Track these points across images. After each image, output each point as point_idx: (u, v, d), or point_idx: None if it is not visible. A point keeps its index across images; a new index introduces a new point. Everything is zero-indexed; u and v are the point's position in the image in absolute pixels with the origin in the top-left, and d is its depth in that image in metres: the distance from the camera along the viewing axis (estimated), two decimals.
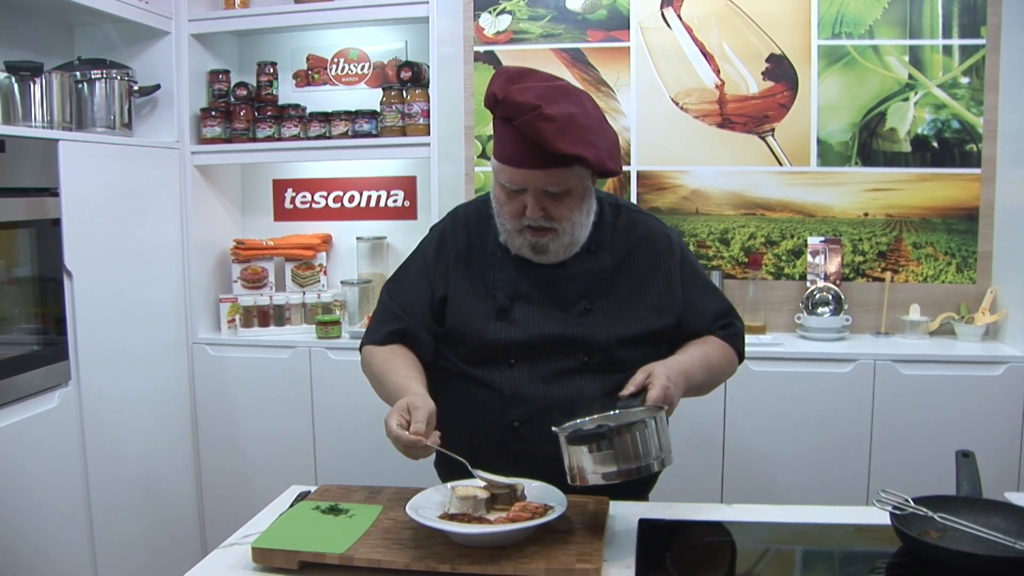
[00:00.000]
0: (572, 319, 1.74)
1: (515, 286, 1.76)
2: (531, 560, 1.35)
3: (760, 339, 2.93)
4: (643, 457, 1.42)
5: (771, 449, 2.78)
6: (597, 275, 1.76)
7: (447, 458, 1.83)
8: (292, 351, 3.04)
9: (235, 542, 1.52)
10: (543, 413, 1.71)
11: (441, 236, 1.86)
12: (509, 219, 1.70)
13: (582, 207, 1.71)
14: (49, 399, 2.39)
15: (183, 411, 3.08)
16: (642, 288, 1.78)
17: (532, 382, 1.73)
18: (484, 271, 1.79)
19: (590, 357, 1.73)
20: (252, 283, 3.23)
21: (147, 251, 2.88)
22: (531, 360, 1.74)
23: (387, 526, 1.49)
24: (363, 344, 1.86)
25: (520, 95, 1.58)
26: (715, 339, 1.80)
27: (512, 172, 1.65)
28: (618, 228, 1.80)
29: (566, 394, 1.72)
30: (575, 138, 1.56)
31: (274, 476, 2.98)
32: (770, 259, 3.17)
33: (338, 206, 3.40)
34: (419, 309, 1.81)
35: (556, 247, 1.71)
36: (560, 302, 1.75)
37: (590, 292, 1.76)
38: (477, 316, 1.76)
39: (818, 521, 1.60)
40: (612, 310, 1.75)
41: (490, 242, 1.81)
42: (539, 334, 1.73)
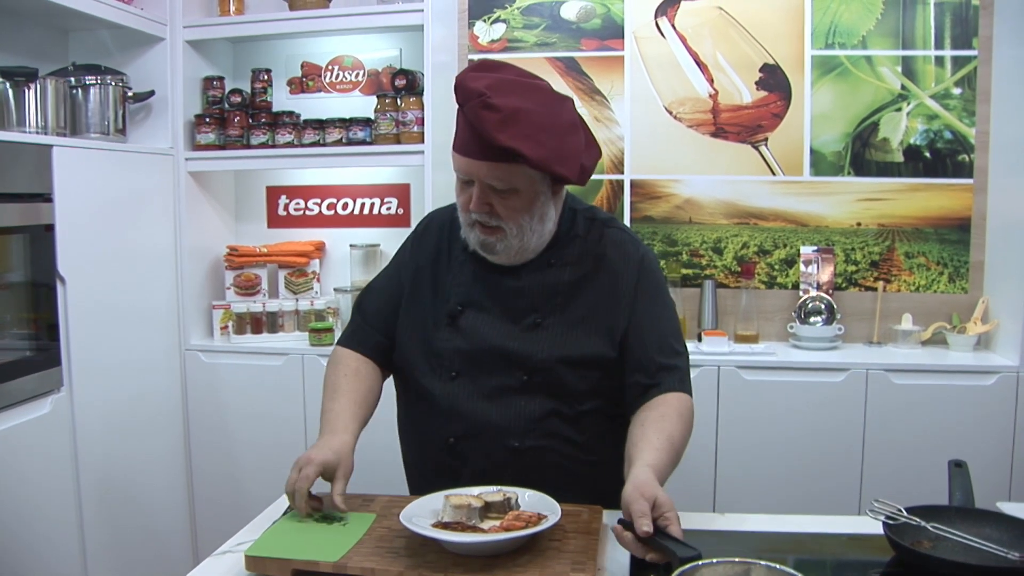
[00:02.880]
0: (519, 333, 1.67)
1: (468, 292, 1.71)
2: (525, 569, 1.34)
3: (753, 348, 2.94)
4: None
5: (763, 458, 2.78)
6: (553, 289, 1.68)
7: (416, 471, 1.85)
8: (285, 358, 3.04)
9: (228, 550, 1.51)
10: (477, 431, 1.66)
11: (414, 239, 1.85)
12: (461, 211, 1.66)
13: (532, 210, 1.61)
14: (41, 405, 2.38)
15: (175, 418, 3.07)
16: (595, 310, 1.68)
17: (471, 398, 1.67)
18: (444, 274, 1.76)
19: (530, 376, 1.65)
20: (245, 290, 3.22)
21: (140, 257, 2.88)
22: (472, 374, 1.68)
23: (381, 534, 1.49)
24: (339, 343, 1.87)
25: (472, 82, 1.54)
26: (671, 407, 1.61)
27: (460, 160, 1.60)
28: (587, 243, 1.71)
29: (505, 413, 1.65)
30: (516, 132, 1.49)
31: (267, 484, 2.95)
32: (763, 268, 3.18)
33: (331, 213, 3.40)
34: (383, 316, 1.80)
35: (503, 248, 1.64)
36: (511, 314, 1.69)
37: (543, 306, 1.68)
38: (429, 319, 1.74)
39: (811, 530, 1.60)
40: (561, 328, 1.67)
41: (457, 247, 1.76)
42: (482, 345, 1.67)
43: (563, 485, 1.60)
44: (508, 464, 1.65)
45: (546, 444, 1.66)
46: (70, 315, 2.48)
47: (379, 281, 1.87)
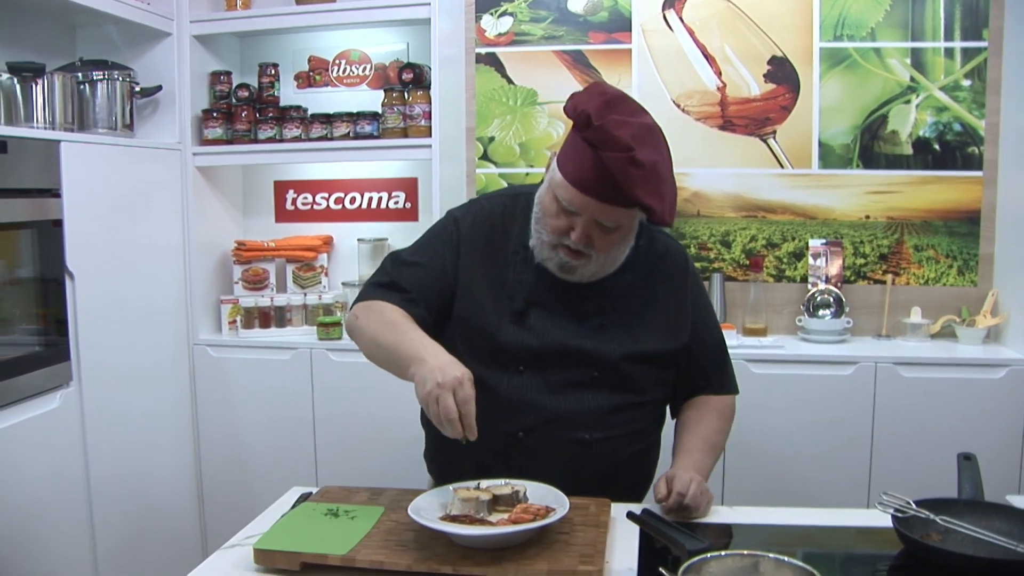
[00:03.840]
0: (586, 332, 1.71)
1: (534, 291, 1.73)
2: (533, 562, 1.34)
3: (761, 341, 2.93)
4: None
5: (772, 451, 2.77)
6: (615, 292, 1.74)
7: (442, 461, 1.85)
8: (293, 352, 3.04)
9: (237, 543, 1.51)
10: (548, 424, 1.69)
11: (459, 224, 1.80)
12: (550, 232, 1.66)
13: (624, 242, 1.69)
14: (50, 400, 2.39)
15: (184, 412, 3.08)
16: (656, 308, 1.77)
17: (539, 392, 1.70)
18: (502, 269, 1.76)
19: (600, 372, 1.71)
20: (253, 284, 3.23)
21: (148, 252, 2.88)
22: (539, 369, 1.71)
23: (389, 527, 1.49)
24: (375, 298, 1.75)
25: (617, 128, 1.52)
26: (711, 408, 1.83)
27: (575, 195, 1.59)
28: (640, 247, 1.77)
29: (572, 407, 1.70)
30: (652, 189, 1.54)
31: (275, 478, 3.00)
32: (771, 261, 3.17)
33: (339, 207, 3.40)
34: (427, 292, 1.75)
35: (584, 272, 1.69)
36: (576, 314, 1.73)
37: (606, 308, 1.74)
38: (491, 314, 1.73)
39: (819, 523, 1.60)
40: (625, 328, 1.73)
41: (512, 241, 1.77)
42: (552, 343, 1.70)
43: (619, 474, 1.73)
44: (576, 457, 1.70)
45: (611, 435, 1.71)
46: (79, 310, 2.49)
47: (417, 255, 1.80)
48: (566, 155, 1.63)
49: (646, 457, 1.82)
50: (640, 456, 1.79)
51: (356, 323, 1.73)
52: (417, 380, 1.49)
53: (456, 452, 1.54)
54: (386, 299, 1.73)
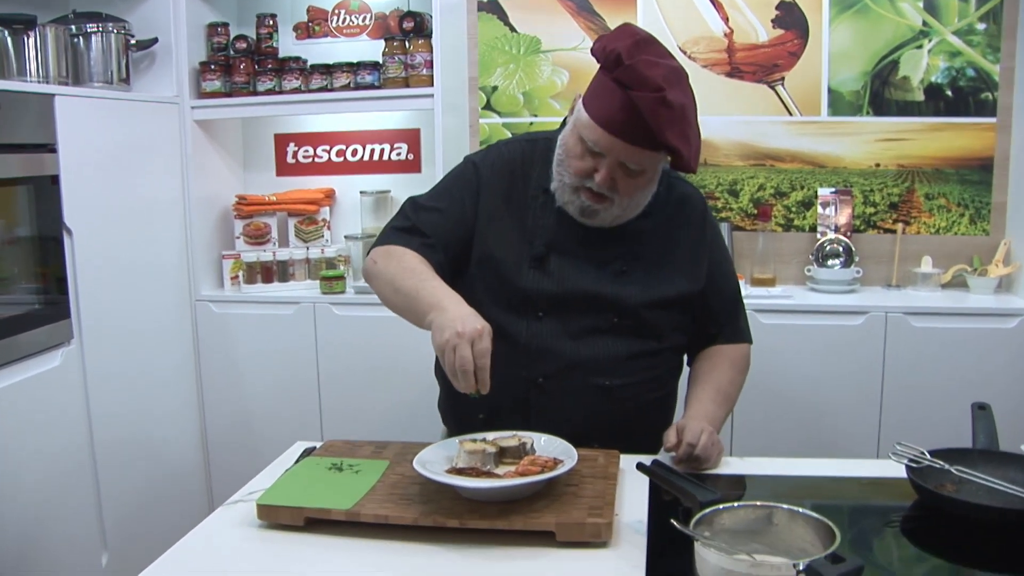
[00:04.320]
0: (606, 278, 1.70)
1: (554, 236, 1.71)
2: (541, 515, 1.32)
3: (770, 291, 2.90)
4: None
5: (781, 402, 2.75)
6: (636, 238, 1.72)
7: (458, 411, 1.83)
8: (296, 307, 3.02)
9: (240, 499, 1.50)
10: (567, 370, 1.68)
11: (478, 169, 1.78)
12: (572, 175, 1.64)
13: (648, 188, 1.67)
14: (51, 358, 2.37)
15: (188, 369, 3.06)
16: (675, 254, 1.75)
17: (559, 337, 1.69)
18: (522, 214, 1.74)
19: (620, 318, 1.70)
20: (255, 239, 3.19)
21: (148, 208, 2.84)
22: (560, 315, 1.70)
23: (394, 481, 1.47)
24: (393, 243, 1.72)
25: (648, 69, 1.50)
26: (724, 358, 1.82)
27: (601, 135, 1.57)
28: (659, 193, 1.74)
29: (592, 353, 1.69)
30: (680, 131, 1.52)
31: (280, 433, 2.95)
32: (780, 211, 3.12)
33: (341, 160, 3.35)
34: (447, 238, 1.72)
35: (606, 216, 1.67)
36: (596, 259, 1.71)
37: (627, 254, 1.72)
38: (510, 260, 1.71)
39: (831, 474, 1.58)
40: (645, 273, 1.72)
41: (532, 185, 1.75)
42: (573, 289, 1.69)
43: (638, 421, 1.72)
44: (595, 403, 1.69)
45: (630, 381, 1.70)
46: (78, 267, 2.46)
47: (436, 200, 1.77)
48: (593, 95, 1.61)
49: (664, 405, 1.81)
50: (659, 403, 1.78)
51: (374, 268, 1.70)
52: (435, 327, 1.46)
53: (473, 402, 1.51)
54: (405, 244, 1.71)
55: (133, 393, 2.72)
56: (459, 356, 1.40)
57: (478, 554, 1.28)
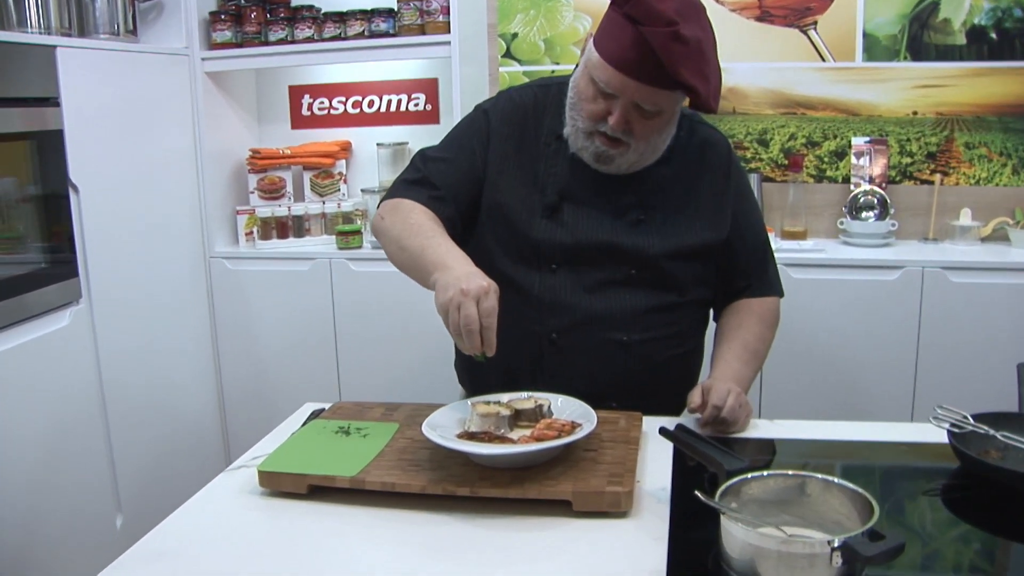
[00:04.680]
0: (623, 228, 1.61)
1: (567, 184, 1.63)
2: (557, 482, 1.25)
3: (801, 245, 2.80)
4: None
5: (811, 362, 2.66)
6: (654, 185, 1.63)
7: (471, 371, 1.75)
8: (312, 263, 2.95)
9: (243, 464, 1.44)
10: (583, 325, 1.61)
11: (489, 116, 1.69)
12: (585, 118, 1.55)
13: (665, 130, 1.58)
14: (60, 318, 2.32)
15: (203, 328, 3.01)
16: (697, 202, 1.66)
17: (573, 291, 1.61)
18: (534, 162, 1.65)
19: (638, 270, 1.61)
20: (269, 194, 3.12)
21: (158, 163, 2.77)
22: (574, 267, 1.62)
23: (403, 446, 1.40)
24: (403, 196, 1.65)
25: (660, 2, 1.42)
26: (751, 313, 1.73)
27: (613, 75, 1.48)
28: (679, 138, 1.66)
29: (608, 307, 1.61)
30: (697, 68, 1.43)
31: (297, 391, 2.92)
32: (811, 161, 3.00)
33: (357, 111, 3.26)
34: (456, 189, 1.65)
35: (622, 161, 1.58)
36: (612, 208, 1.62)
37: (645, 202, 1.63)
38: (522, 210, 1.63)
39: (866, 438, 1.49)
40: (665, 222, 1.63)
41: (544, 132, 1.66)
42: (587, 240, 1.61)
43: (659, 378, 1.64)
44: (613, 360, 1.61)
45: (649, 337, 1.62)
46: (85, 225, 2.40)
47: (445, 150, 1.70)
48: (603, 33, 1.51)
49: (687, 362, 1.73)
50: (681, 360, 1.70)
51: (382, 224, 1.64)
52: (438, 287, 1.38)
53: (482, 363, 1.43)
54: (414, 197, 1.63)
55: (146, 353, 2.67)
56: (463, 315, 1.32)
57: (490, 524, 1.21)
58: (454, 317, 1.33)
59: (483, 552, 1.15)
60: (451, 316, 1.33)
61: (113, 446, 2.51)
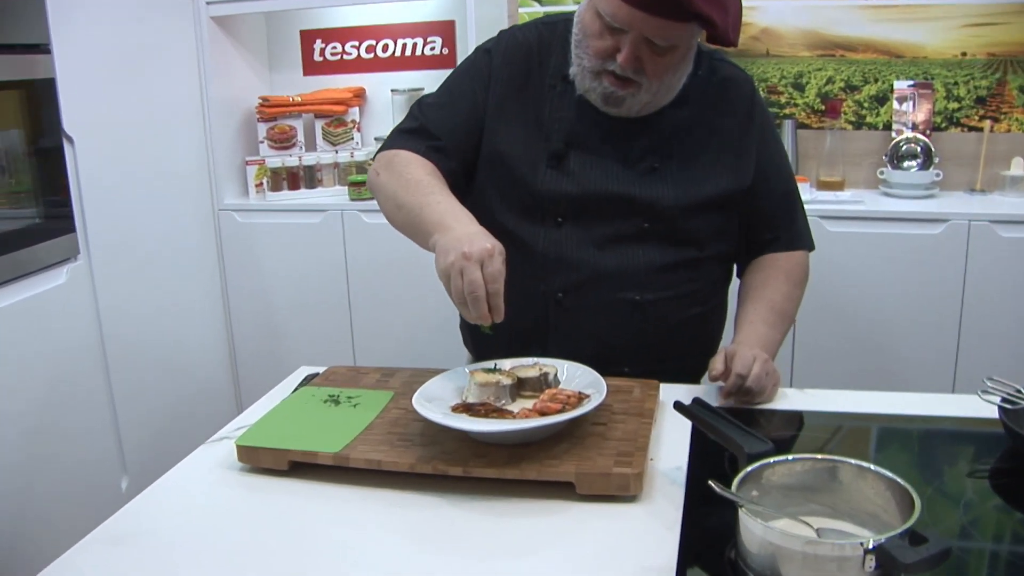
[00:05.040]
0: (635, 177, 1.49)
1: (573, 130, 1.50)
2: (559, 462, 1.13)
3: (838, 196, 2.65)
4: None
5: (845, 324, 2.53)
6: (669, 129, 1.50)
7: (475, 334, 1.64)
8: (324, 215, 2.85)
9: (225, 435, 1.34)
10: (591, 283, 1.49)
11: (491, 56, 1.56)
12: (592, 56, 1.42)
13: (680, 67, 1.45)
14: (56, 275, 2.23)
15: (212, 283, 2.93)
16: (717, 148, 1.53)
17: (581, 246, 1.49)
18: (538, 106, 1.52)
19: (651, 223, 1.49)
20: (280, 143, 3.01)
21: (161, 113, 2.66)
22: (581, 221, 1.50)
23: (394, 417, 1.29)
24: (399, 147, 1.52)
25: None
26: (778, 269, 1.59)
27: (619, 8, 1.34)
28: (698, 77, 1.53)
29: (619, 263, 1.49)
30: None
31: (310, 348, 2.91)
32: (850, 106, 2.84)
33: (371, 56, 3.13)
34: (458, 138, 1.52)
35: (633, 103, 1.45)
36: (623, 155, 1.49)
37: (659, 148, 1.50)
38: (525, 159, 1.51)
39: (905, 412, 1.35)
40: (682, 170, 1.50)
41: (549, 73, 1.53)
42: (596, 190, 1.48)
43: (675, 341, 1.53)
44: (624, 321, 1.50)
45: (664, 296, 1.51)
46: (82, 178, 2.31)
47: (444, 95, 1.58)
48: None
49: (707, 323, 1.60)
50: (700, 321, 1.57)
51: (377, 180, 1.52)
52: (439, 249, 1.26)
53: (494, 330, 1.31)
54: (411, 148, 1.51)
55: (151, 311, 2.59)
56: (467, 281, 1.20)
57: (483, 508, 1.10)
58: (456, 283, 1.21)
59: (472, 540, 1.03)
60: (453, 282, 1.22)
61: (117, 407, 2.44)
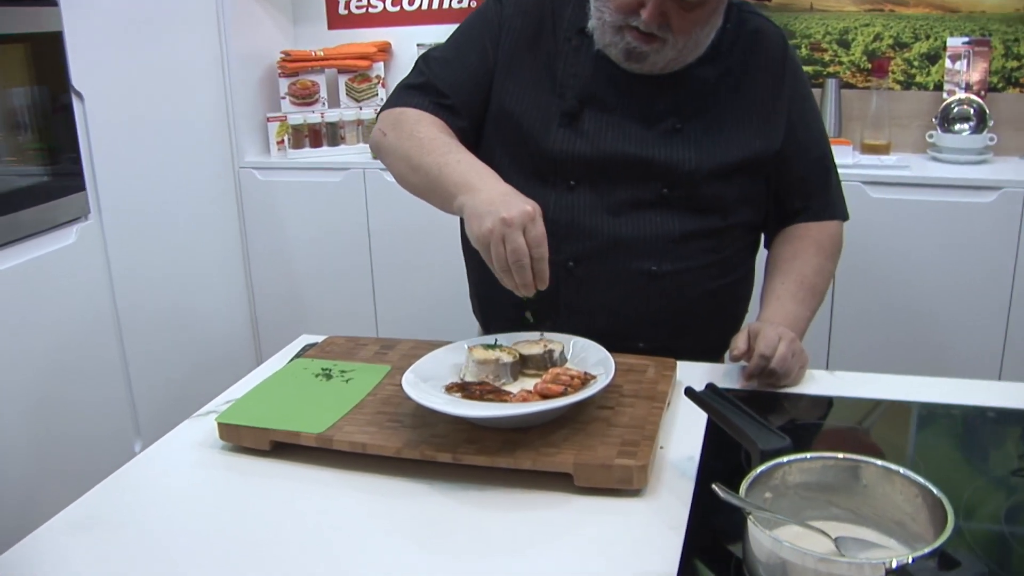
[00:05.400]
0: (655, 139, 1.39)
1: (589, 86, 1.40)
2: (557, 450, 1.04)
3: (882, 160, 2.52)
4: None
5: (885, 299, 2.41)
6: (694, 87, 1.40)
7: (482, 294, 1.56)
8: (346, 173, 2.77)
9: (212, 410, 1.26)
10: (605, 252, 1.39)
11: (502, 5, 1.47)
12: (614, 11, 1.33)
13: (710, 23, 1.36)
14: (65, 235, 2.17)
15: (233, 242, 2.87)
16: (745, 108, 1.43)
17: (594, 212, 1.40)
18: (551, 60, 1.42)
19: (671, 189, 1.39)
20: (302, 99, 2.93)
21: (177, 67, 2.58)
22: (595, 184, 1.40)
23: (387, 395, 1.20)
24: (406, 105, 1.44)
25: None
26: (809, 240, 1.48)
27: None
28: (725, 31, 1.43)
29: (635, 231, 1.39)
30: None
31: (331, 303, 2.87)
32: (899, 64, 2.70)
33: (397, 9, 3.03)
34: (467, 94, 1.43)
35: (657, 59, 1.35)
36: (643, 116, 1.39)
37: (682, 107, 1.40)
38: (536, 116, 1.41)
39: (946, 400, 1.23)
40: (706, 132, 1.40)
41: (565, 26, 1.43)
42: (612, 152, 1.38)
43: (694, 316, 1.44)
44: (640, 293, 1.41)
45: (684, 267, 1.42)
46: (92, 135, 2.23)
47: (452, 50, 1.49)
48: None
49: (730, 296, 1.51)
50: (722, 294, 1.47)
51: (384, 141, 1.42)
52: (470, 213, 1.17)
53: (496, 288, 1.22)
54: (417, 105, 1.42)
55: (167, 273, 2.54)
56: (511, 249, 1.12)
57: (474, 499, 1.02)
58: (499, 251, 1.13)
59: (457, 535, 0.95)
60: (495, 250, 1.13)
61: (130, 370, 2.40)
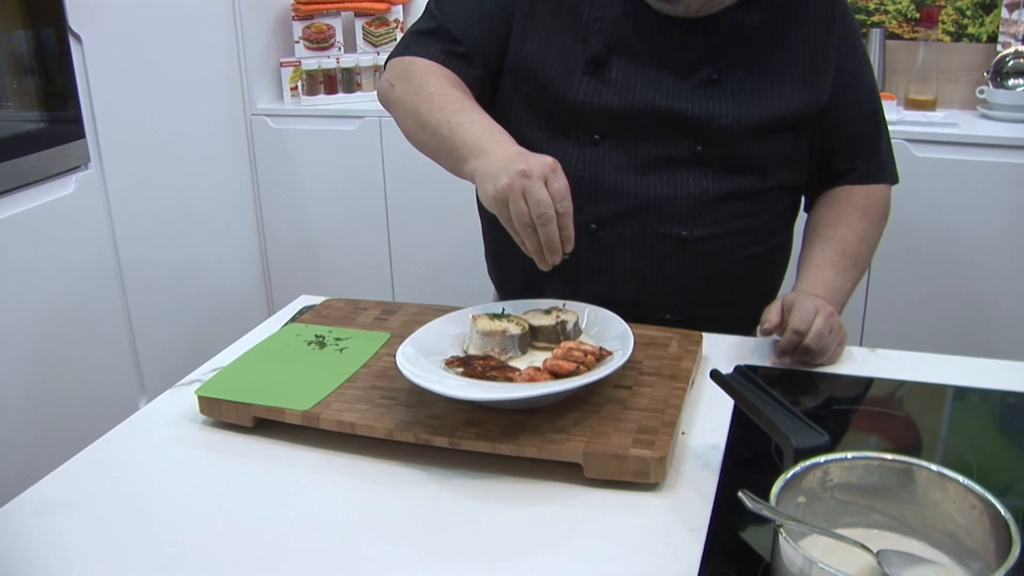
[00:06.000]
0: (690, 90, 1.27)
1: (618, 30, 1.28)
2: (566, 436, 0.93)
3: (928, 116, 2.39)
4: None
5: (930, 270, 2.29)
6: (734, 33, 1.29)
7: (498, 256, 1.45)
8: (361, 121, 2.68)
9: (196, 379, 1.17)
10: (631, 214, 1.28)
11: None
12: None
13: None
14: (64, 184, 2.11)
15: (244, 191, 2.80)
16: (789, 58, 1.31)
17: (620, 170, 1.28)
18: (576, 3, 1.30)
19: (705, 146, 1.28)
20: (317, 44, 2.83)
21: (184, 9, 2.48)
22: (622, 140, 1.28)
23: (383, 368, 1.10)
24: (414, 55, 1.32)
25: None
26: (854, 205, 1.37)
27: None
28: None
29: (665, 191, 1.28)
30: None
31: (345, 254, 2.81)
32: (949, 14, 2.56)
33: None
34: (483, 41, 1.31)
35: (692, 2, 1.24)
36: (677, 65, 1.27)
37: (720, 56, 1.28)
38: (558, 64, 1.29)
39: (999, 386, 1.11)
40: (745, 83, 1.29)
41: None
42: (641, 104, 1.26)
43: (726, 285, 1.35)
44: (667, 258, 1.31)
45: (716, 232, 1.31)
46: (91, 80, 2.16)
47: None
48: None
49: (766, 264, 1.39)
50: (757, 262, 1.36)
51: (391, 93, 1.30)
52: (483, 176, 1.06)
53: (511, 249, 1.12)
54: (428, 55, 1.29)
55: (174, 224, 2.47)
56: (534, 202, 1.00)
57: (471, 489, 0.92)
58: (519, 208, 1.01)
59: (452, 532, 0.86)
60: (514, 207, 1.01)
61: (134, 328, 2.35)
